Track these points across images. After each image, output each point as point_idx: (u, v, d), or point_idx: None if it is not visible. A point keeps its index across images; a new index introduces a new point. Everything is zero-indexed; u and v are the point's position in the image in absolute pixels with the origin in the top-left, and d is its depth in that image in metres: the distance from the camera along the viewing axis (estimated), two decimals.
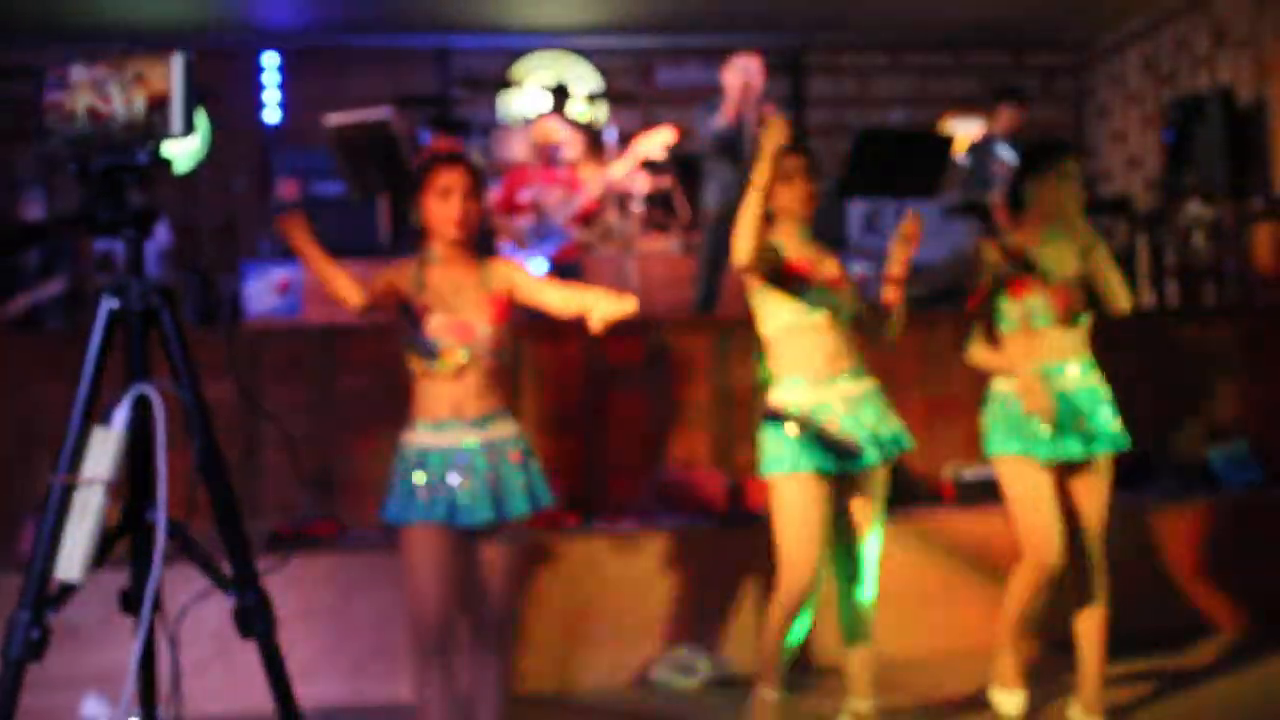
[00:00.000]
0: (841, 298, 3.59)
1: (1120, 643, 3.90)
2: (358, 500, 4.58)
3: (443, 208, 3.24)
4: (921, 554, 4.58)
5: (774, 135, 3.35)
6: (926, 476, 4.98)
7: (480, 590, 3.26)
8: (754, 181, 3.35)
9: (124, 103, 2.00)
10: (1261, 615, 4.83)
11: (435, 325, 3.21)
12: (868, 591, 3.64)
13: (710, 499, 4.68)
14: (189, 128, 1.99)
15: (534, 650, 4.31)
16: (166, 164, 2.06)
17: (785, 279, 3.55)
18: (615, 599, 4.43)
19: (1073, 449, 3.66)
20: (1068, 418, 3.68)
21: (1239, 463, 5.21)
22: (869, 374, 3.61)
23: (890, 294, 3.58)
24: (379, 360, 4.58)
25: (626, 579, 4.44)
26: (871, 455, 3.51)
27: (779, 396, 3.58)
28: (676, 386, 4.94)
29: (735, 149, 6.02)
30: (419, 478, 3.20)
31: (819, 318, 3.54)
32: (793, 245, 3.60)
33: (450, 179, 3.24)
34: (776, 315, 3.58)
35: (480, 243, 3.43)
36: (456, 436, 3.20)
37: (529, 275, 3.38)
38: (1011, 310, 3.75)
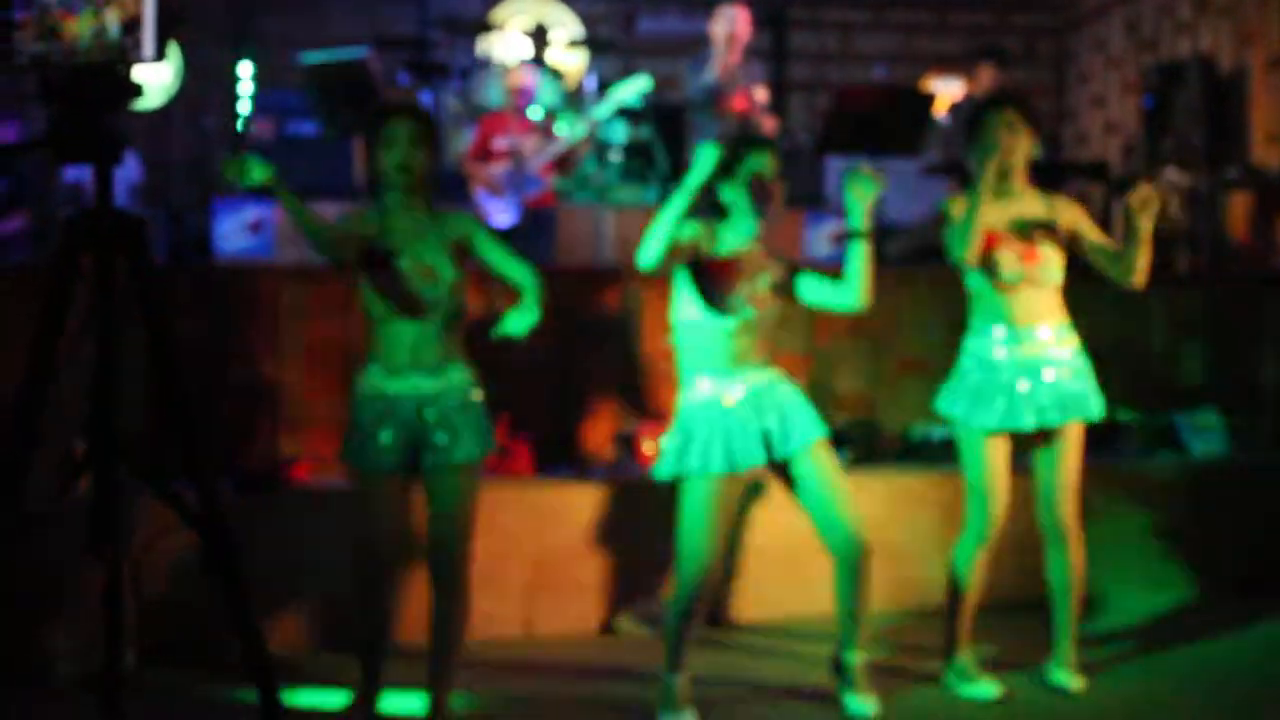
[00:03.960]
0: (761, 311, 3.47)
1: (1085, 604, 3.92)
2: (331, 442, 4.53)
3: (389, 156, 3.25)
4: (887, 512, 4.59)
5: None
6: (897, 435, 4.99)
7: (431, 531, 3.34)
8: (688, 182, 3.23)
9: (93, 24, 1.95)
10: (1227, 580, 4.87)
11: (406, 266, 3.22)
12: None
13: None
14: (160, 53, 1.95)
15: (500, 596, 4.31)
16: (138, 88, 2.01)
17: (703, 277, 3.43)
18: (582, 548, 4.43)
19: (1026, 420, 3.60)
20: (1028, 385, 3.62)
21: (1206, 429, 5.25)
22: (774, 365, 3.52)
23: (862, 250, 3.47)
24: (352, 302, 4.51)
25: (594, 528, 4.44)
26: (758, 456, 3.40)
27: (688, 398, 3.48)
28: (648, 339, 4.91)
29: (724, 102, 5.97)
30: (375, 421, 3.25)
31: (729, 325, 3.44)
32: (735, 244, 3.49)
33: (396, 128, 3.24)
34: (686, 307, 3.49)
35: (453, 189, 3.44)
36: (414, 382, 3.25)
37: (486, 231, 3.41)
38: (1010, 264, 3.65)
